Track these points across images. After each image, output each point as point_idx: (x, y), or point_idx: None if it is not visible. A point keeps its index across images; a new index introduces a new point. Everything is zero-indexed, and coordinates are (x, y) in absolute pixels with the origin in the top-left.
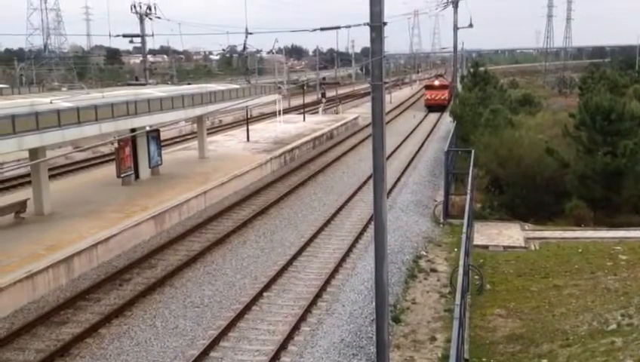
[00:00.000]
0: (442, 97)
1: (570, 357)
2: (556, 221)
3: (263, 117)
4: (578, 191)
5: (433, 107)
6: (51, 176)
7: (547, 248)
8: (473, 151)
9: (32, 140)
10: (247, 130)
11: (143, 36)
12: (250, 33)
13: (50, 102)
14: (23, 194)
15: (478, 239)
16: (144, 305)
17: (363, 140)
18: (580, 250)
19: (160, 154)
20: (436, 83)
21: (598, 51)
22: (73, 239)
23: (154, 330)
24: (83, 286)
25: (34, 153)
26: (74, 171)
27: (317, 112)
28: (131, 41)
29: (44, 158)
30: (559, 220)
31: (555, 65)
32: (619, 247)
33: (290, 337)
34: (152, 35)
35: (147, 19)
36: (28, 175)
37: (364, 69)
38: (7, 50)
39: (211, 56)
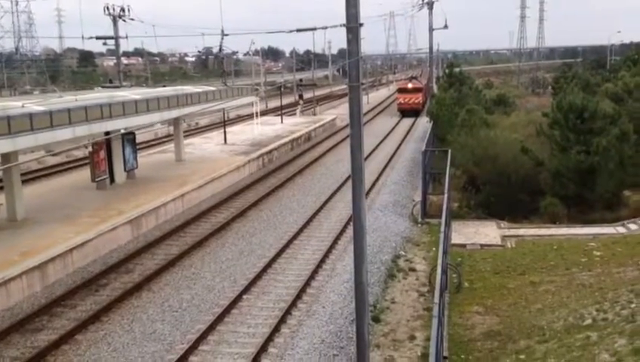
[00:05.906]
0: (416, 101)
1: (546, 352)
2: (531, 218)
3: (240, 119)
4: (552, 188)
5: (407, 112)
6: (24, 181)
7: (523, 245)
8: (450, 151)
9: (4, 145)
10: (225, 133)
11: (116, 38)
12: (226, 34)
13: (23, 106)
14: None
15: (456, 238)
16: (121, 311)
17: (341, 141)
18: (554, 247)
19: (136, 158)
20: (409, 86)
21: (570, 51)
22: (47, 245)
23: (131, 335)
24: (58, 293)
25: (6, 158)
26: (48, 176)
27: (294, 114)
28: (105, 43)
29: (17, 163)
30: (534, 218)
31: (528, 66)
32: (593, 243)
33: (270, 339)
34: (126, 37)
35: (121, 21)
36: (0, 180)
37: (341, 70)
38: None
39: (187, 58)
